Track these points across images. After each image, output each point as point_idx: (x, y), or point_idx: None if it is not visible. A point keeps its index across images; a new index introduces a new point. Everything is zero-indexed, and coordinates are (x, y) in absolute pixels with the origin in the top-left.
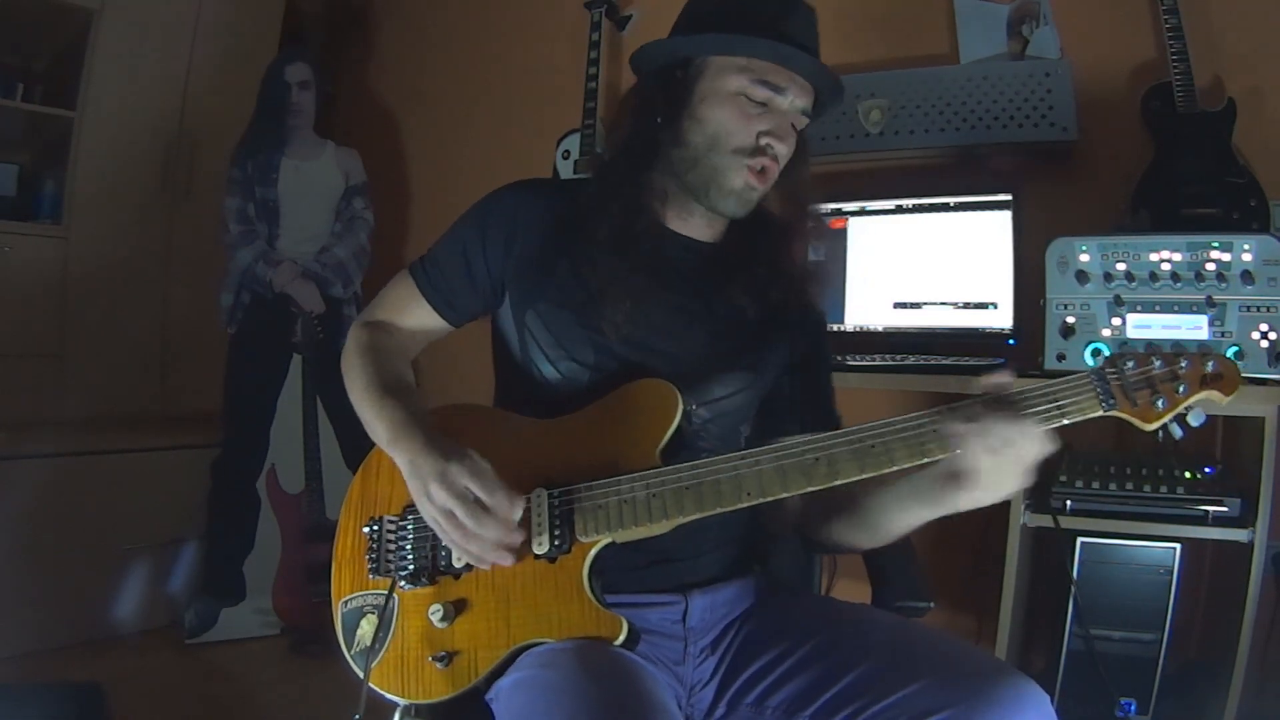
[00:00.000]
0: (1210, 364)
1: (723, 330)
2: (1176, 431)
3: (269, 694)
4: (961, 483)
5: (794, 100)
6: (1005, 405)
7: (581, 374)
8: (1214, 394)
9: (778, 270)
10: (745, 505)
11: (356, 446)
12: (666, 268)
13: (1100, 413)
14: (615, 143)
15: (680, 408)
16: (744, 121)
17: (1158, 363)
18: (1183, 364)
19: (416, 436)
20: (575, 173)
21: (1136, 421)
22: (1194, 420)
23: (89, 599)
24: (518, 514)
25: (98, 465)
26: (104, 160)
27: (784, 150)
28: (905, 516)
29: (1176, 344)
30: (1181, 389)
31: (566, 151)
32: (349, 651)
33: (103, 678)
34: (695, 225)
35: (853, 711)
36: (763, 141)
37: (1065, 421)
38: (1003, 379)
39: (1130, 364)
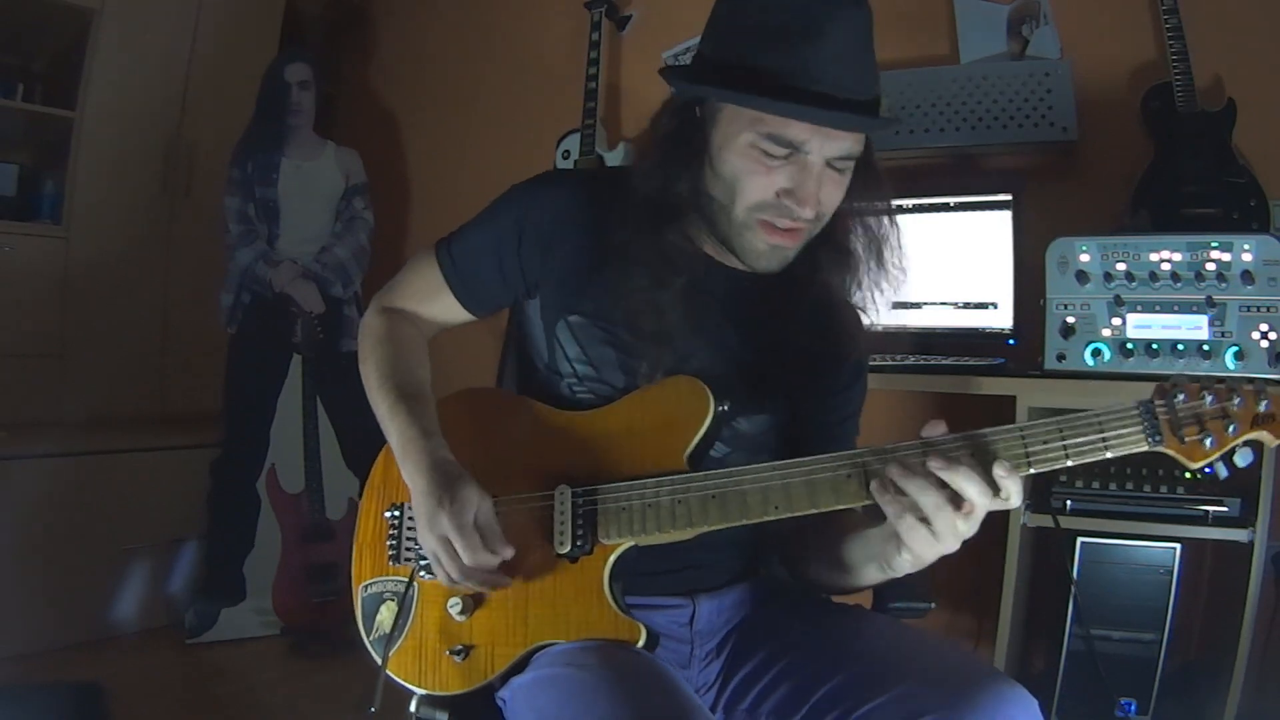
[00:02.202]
0: (1264, 403)
1: (755, 366)
2: (1222, 471)
3: (269, 694)
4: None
5: (822, 151)
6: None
7: (614, 396)
8: (1265, 435)
9: (820, 304)
10: (770, 519)
11: (356, 446)
12: (705, 298)
13: (1146, 448)
14: (644, 176)
15: (711, 409)
16: (763, 176)
17: (1209, 398)
18: (1235, 401)
19: (424, 462)
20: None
21: (1182, 459)
22: (1240, 460)
23: (89, 599)
24: (501, 559)
25: (98, 465)
26: (104, 160)
27: (810, 214)
28: (869, 571)
29: (1176, 344)
30: (1232, 428)
31: (566, 151)
32: (368, 638)
33: (103, 678)
34: (735, 257)
35: (837, 716)
36: (786, 202)
37: (1109, 455)
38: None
39: (1181, 397)
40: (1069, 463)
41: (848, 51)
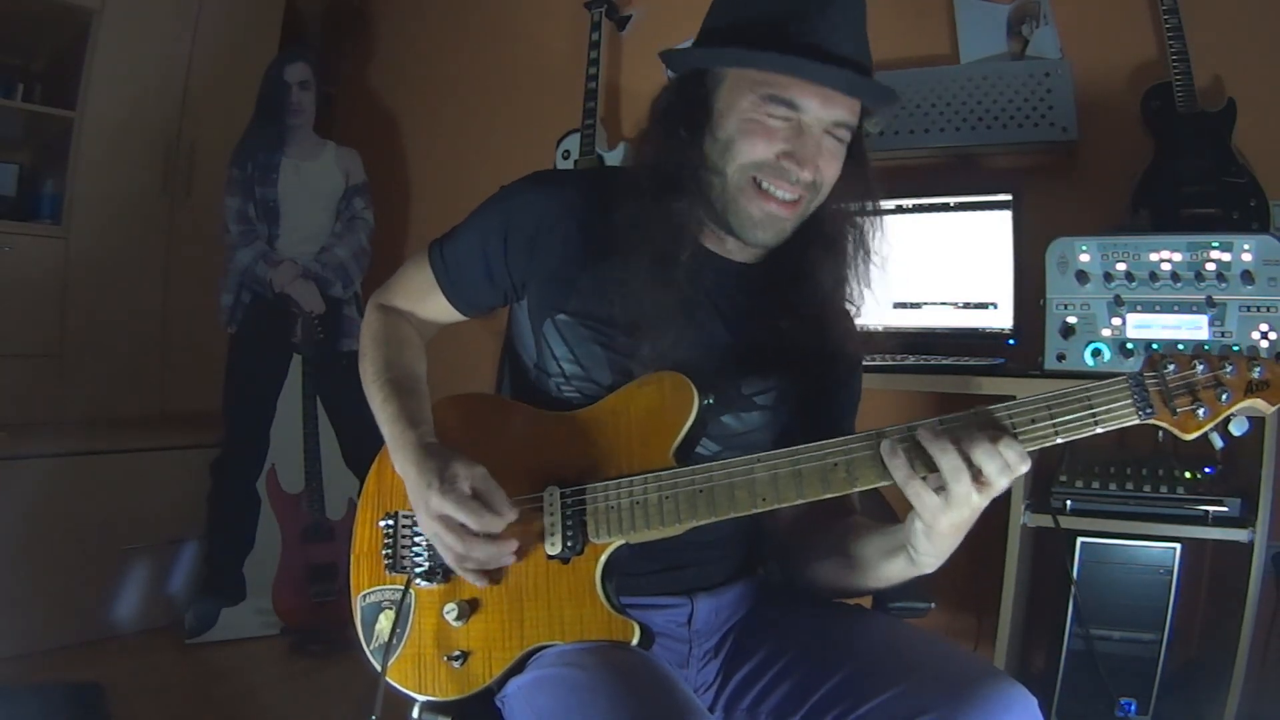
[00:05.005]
0: (1257, 369)
1: (744, 361)
2: (1218, 441)
3: (269, 694)
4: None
5: (821, 114)
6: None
7: (602, 395)
8: (1259, 402)
9: (814, 302)
10: (759, 511)
11: (356, 446)
12: (698, 291)
13: (1136, 421)
14: (643, 155)
15: (696, 404)
16: (763, 139)
17: (1200, 366)
18: (1227, 369)
19: (410, 451)
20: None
21: (1175, 431)
22: (1236, 429)
23: (89, 599)
24: (507, 521)
25: (98, 465)
26: (104, 160)
27: (810, 176)
28: (895, 563)
29: (1175, 345)
30: (1225, 396)
31: (566, 151)
32: (368, 646)
33: (103, 678)
34: (731, 245)
35: (838, 715)
36: (785, 164)
37: (1098, 430)
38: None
39: (1172, 367)
40: (1058, 440)
41: (847, 22)
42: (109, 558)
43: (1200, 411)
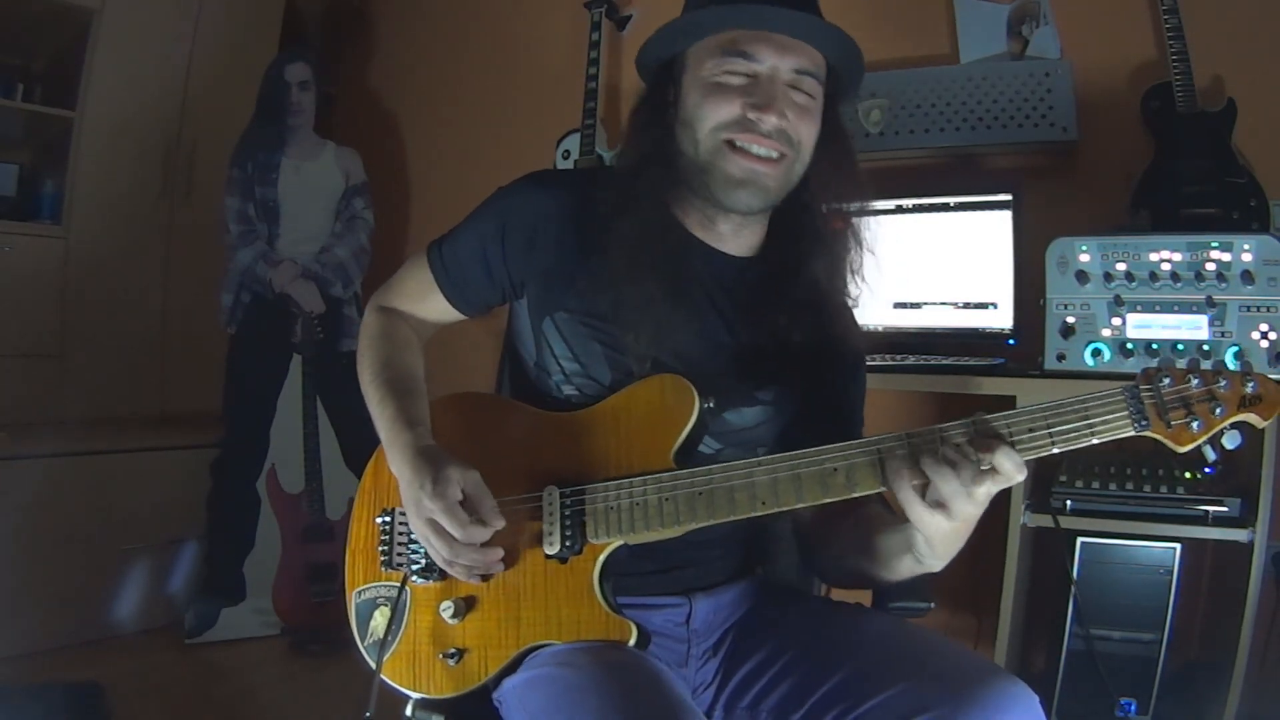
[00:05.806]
0: (1250, 384)
1: (743, 358)
2: (1210, 454)
3: (269, 694)
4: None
5: (777, 64)
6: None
7: (602, 393)
8: (1252, 417)
9: (811, 295)
10: (759, 514)
11: (357, 446)
12: (692, 285)
13: (1132, 433)
14: (626, 156)
15: (697, 407)
16: (724, 97)
17: (1195, 381)
18: (1221, 383)
19: (405, 452)
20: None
21: (1169, 443)
22: (1229, 443)
23: (89, 599)
24: (491, 531)
25: (98, 465)
26: (104, 160)
27: (776, 120)
28: (905, 561)
29: (1175, 345)
30: (1218, 410)
31: (566, 151)
32: (362, 643)
33: (103, 678)
34: (723, 236)
35: (839, 713)
36: (750, 115)
37: (1094, 441)
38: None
39: (1167, 381)
40: (1055, 450)
41: None
42: (109, 558)
43: (1194, 425)
